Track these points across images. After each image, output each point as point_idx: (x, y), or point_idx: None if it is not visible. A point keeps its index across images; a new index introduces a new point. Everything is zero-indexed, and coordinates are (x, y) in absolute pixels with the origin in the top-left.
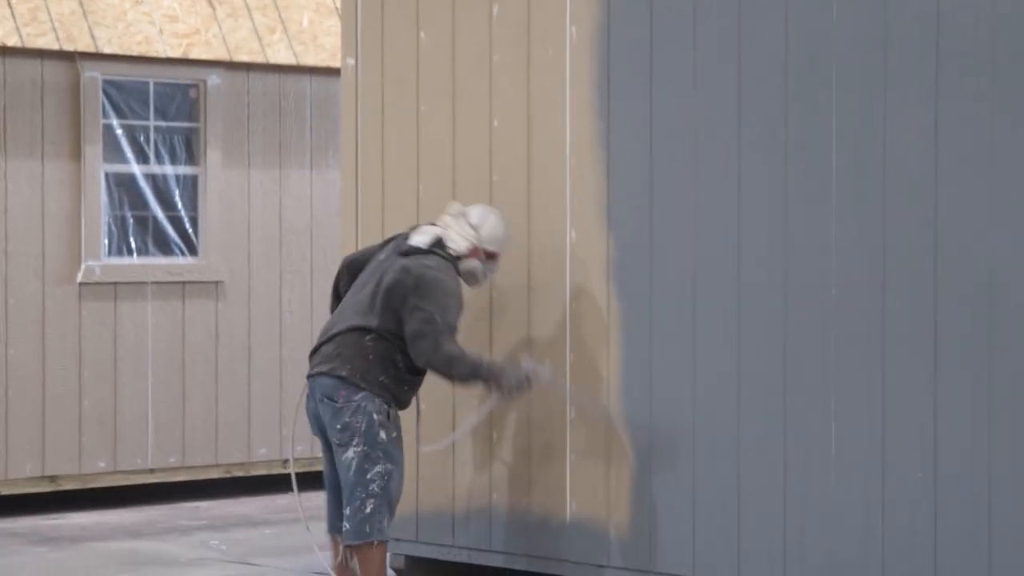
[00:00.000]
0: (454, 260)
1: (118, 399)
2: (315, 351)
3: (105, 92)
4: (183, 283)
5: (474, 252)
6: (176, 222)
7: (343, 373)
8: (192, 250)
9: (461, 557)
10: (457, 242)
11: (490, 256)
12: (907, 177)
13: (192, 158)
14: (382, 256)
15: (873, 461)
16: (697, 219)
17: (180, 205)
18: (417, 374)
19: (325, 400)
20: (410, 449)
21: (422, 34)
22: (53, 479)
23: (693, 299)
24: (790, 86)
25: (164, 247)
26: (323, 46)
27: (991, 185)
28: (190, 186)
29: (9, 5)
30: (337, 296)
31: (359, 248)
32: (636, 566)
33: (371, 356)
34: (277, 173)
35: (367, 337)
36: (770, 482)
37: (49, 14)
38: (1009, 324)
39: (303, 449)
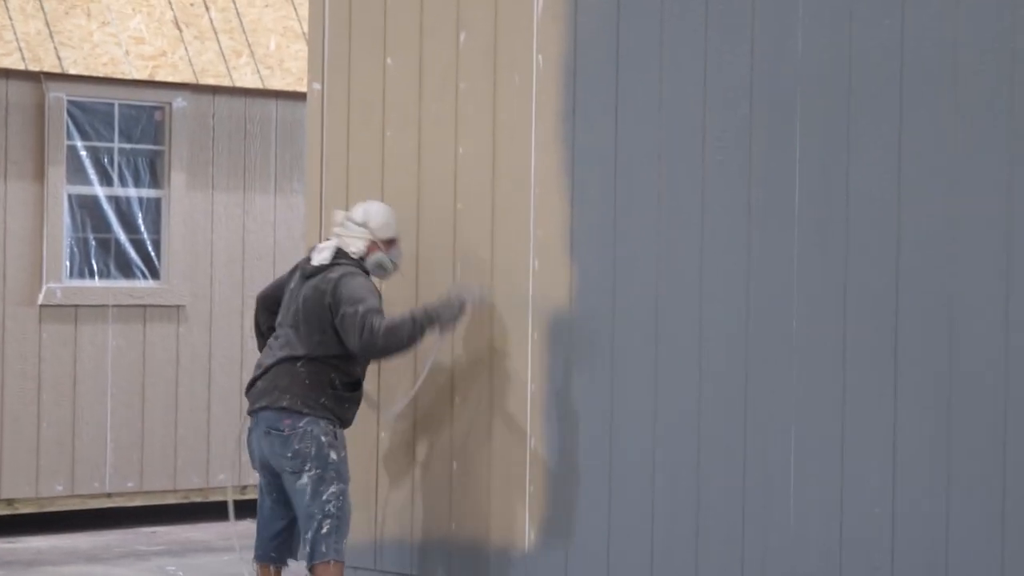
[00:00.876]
0: (358, 262)
1: (77, 422)
2: (250, 387)
3: (70, 113)
4: (144, 306)
5: (372, 247)
6: (139, 245)
7: (284, 403)
8: (154, 273)
9: None
10: (354, 244)
11: (389, 243)
12: (870, 206)
13: (156, 181)
14: (292, 285)
15: (832, 492)
16: (660, 248)
17: (143, 228)
18: (355, 389)
19: (271, 432)
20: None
21: (389, 60)
22: (10, 502)
23: (656, 328)
24: (755, 115)
25: (126, 270)
26: (289, 70)
27: (952, 215)
28: (153, 209)
29: None
30: (260, 333)
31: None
32: None
33: (307, 381)
34: (241, 197)
35: (298, 364)
36: (729, 511)
37: (15, 34)
38: (969, 353)
39: (224, 478)
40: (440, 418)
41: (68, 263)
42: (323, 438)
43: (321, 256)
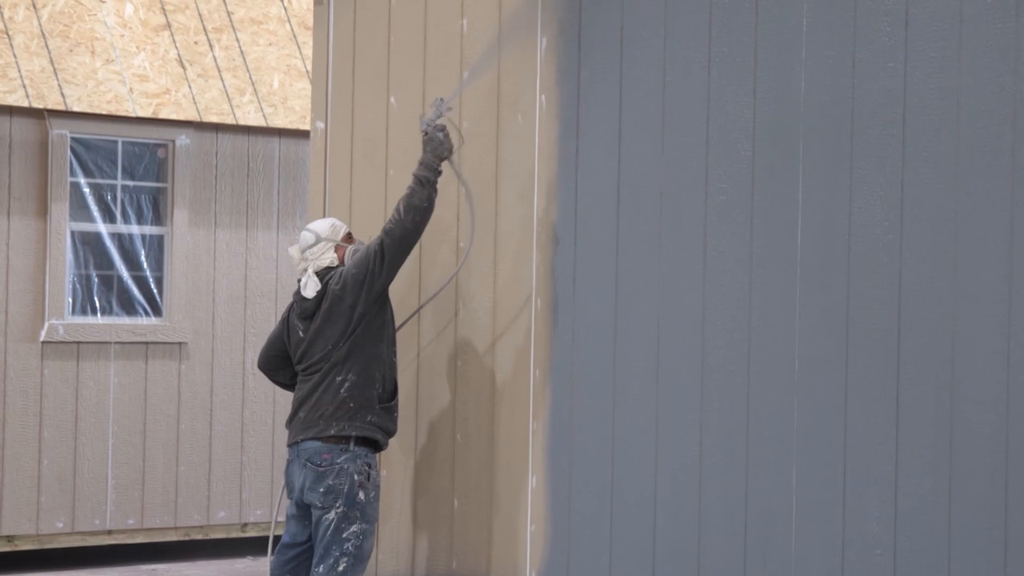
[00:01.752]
0: (338, 269)
1: (78, 459)
2: (292, 418)
3: (73, 150)
4: (146, 343)
5: (339, 249)
6: (141, 282)
7: (331, 433)
8: (156, 310)
9: None
10: (325, 259)
11: (349, 239)
12: (872, 248)
13: (159, 218)
14: (299, 331)
15: (833, 533)
16: (662, 288)
17: (145, 265)
18: (394, 396)
19: (308, 464)
20: None
21: (392, 99)
22: (10, 539)
23: (657, 367)
24: (757, 156)
25: (128, 307)
26: (293, 108)
27: (955, 257)
28: (156, 246)
29: None
30: (289, 386)
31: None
32: None
33: (352, 404)
34: (244, 234)
35: (342, 387)
36: (731, 552)
37: (19, 71)
38: (971, 395)
39: (262, 513)
40: (442, 455)
41: (71, 300)
42: (356, 476)
43: (309, 287)
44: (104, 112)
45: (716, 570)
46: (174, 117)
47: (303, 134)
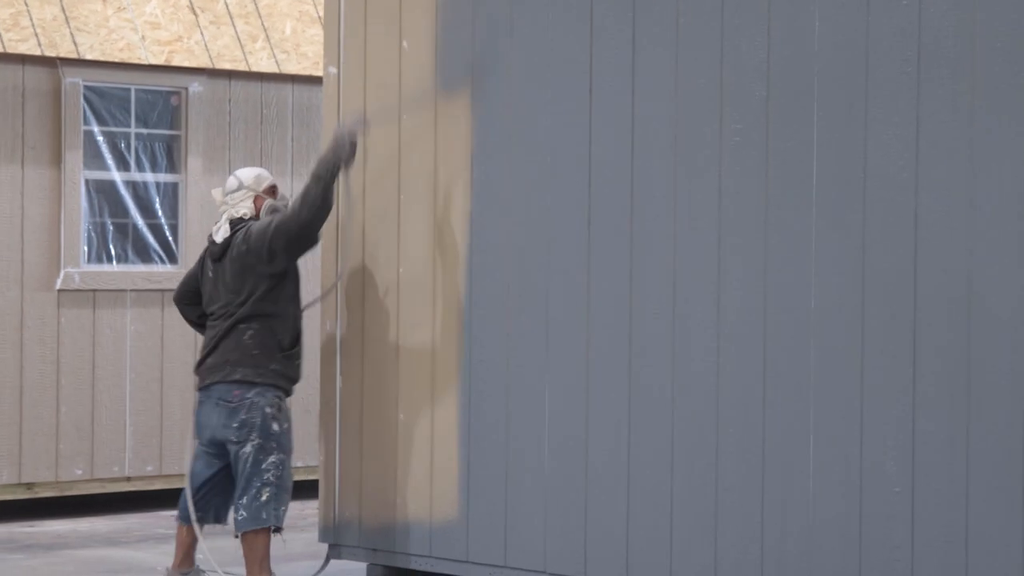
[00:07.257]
0: (253, 220)
1: (96, 407)
2: (200, 364)
3: (86, 98)
4: (162, 291)
5: (259, 200)
6: (156, 230)
7: (236, 377)
8: (172, 258)
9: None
10: (242, 208)
11: (271, 191)
12: (887, 186)
13: (173, 165)
14: (210, 273)
15: (851, 472)
16: (677, 230)
17: (160, 212)
18: (296, 344)
19: (220, 403)
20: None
21: (404, 43)
22: (29, 486)
23: (673, 310)
24: (772, 96)
25: (144, 255)
26: (305, 54)
27: (971, 197)
28: (170, 193)
29: None
30: (198, 325)
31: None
32: None
33: (255, 351)
34: None
35: (245, 335)
36: (749, 494)
37: (31, 20)
38: (986, 336)
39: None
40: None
41: (86, 248)
42: (267, 409)
43: (220, 232)
44: (116, 60)
45: (733, 512)
46: (187, 64)
47: (316, 80)
